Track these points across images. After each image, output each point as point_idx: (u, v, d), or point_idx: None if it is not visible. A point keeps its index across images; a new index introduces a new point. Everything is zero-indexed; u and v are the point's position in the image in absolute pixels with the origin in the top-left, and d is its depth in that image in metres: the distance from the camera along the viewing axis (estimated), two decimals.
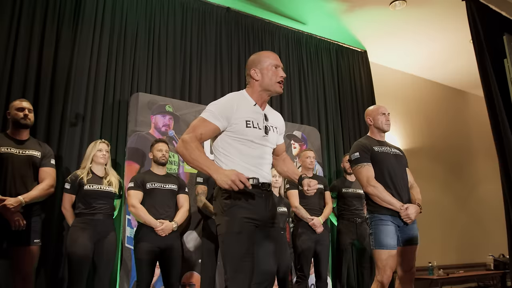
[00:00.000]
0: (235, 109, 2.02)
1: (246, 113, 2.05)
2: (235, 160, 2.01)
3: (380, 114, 3.02)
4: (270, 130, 2.12)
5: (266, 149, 2.11)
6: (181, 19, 4.74)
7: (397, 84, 7.02)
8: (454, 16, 5.40)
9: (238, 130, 2.01)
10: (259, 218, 1.99)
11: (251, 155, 2.03)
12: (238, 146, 2.02)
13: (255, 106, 2.11)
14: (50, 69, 3.81)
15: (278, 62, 2.13)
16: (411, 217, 2.70)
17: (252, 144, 2.03)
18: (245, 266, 1.90)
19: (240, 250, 1.90)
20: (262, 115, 2.12)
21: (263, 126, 2.08)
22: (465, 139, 7.82)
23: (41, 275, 3.37)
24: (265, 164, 2.10)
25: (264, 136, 2.08)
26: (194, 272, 3.85)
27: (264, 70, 2.10)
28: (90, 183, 3.22)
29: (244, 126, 2.02)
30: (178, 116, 4.15)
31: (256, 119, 2.07)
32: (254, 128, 2.03)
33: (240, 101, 2.08)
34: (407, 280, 2.86)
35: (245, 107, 2.07)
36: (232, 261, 1.91)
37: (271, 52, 2.20)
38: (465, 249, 6.98)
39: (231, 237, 1.93)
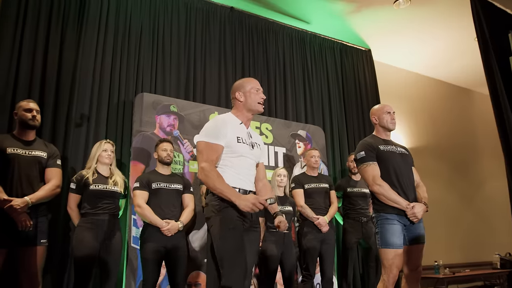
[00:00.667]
0: (229, 128, 2.31)
1: (236, 131, 2.34)
2: (227, 170, 2.28)
3: (385, 113, 3.01)
4: (254, 146, 2.43)
5: (252, 162, 2.41)
6: (185, 19, 4.75)
7: (402, 82, 7.00)
8: (458, 14, 5.37)
9: (231, 146, 2.29)
10: (246, 219, 2.26)
11: (241, 166, 2.32)
12: (231, 159, 2.30)
13: (241, 125, 2.42)
14: (55, 70, 3.83)
15: (259, 86, 2.46)
16: (417, 215, 2.69)
17: (242, 158, 2.32)
18: (241, 261, 2.10)
19: (235, 244, 2.12)
20: (247, 133, 2.43)
21: (249, 142, 2.39)
22: (470, 137, 7.79)
23: (48, 275, 3.38)
24: (251, 174, 2.40)
25: (251, 150, 2.38)
26: (200, 272, 3.86)
27: (247, 93, 2.42)
28: (95, 183, 3.23)
29: (235, 141, 2.30)
30: (182, 116, 4.16)
31: (244, 136, 2.37)
32: (243, 144, 2.33)
33: (230, 121, 2.38)
34: (413, 279, 2.85)
35: (234, 125, 2.37)
36: (228, 256, 2.10)
37: (253, 78, 2.55)
38: (471, 248, 6.94)
39: (226, 233, 2.13)
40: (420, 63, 7.04)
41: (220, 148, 2.27)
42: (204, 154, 2.24)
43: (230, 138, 2.29)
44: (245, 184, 2.32)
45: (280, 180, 4.00)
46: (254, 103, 2.41)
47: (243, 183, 2.31)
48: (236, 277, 2.05)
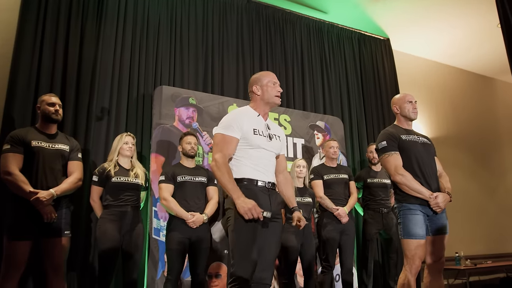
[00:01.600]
0: (245, 120, 2.36)
1: (252, 123, 2.38)
2: (244, 162, 2.32)
3: (407, 102, 2.97)
4: (273, 138, 2.46)
5: (271, 154, 2.43)
6: (202, 11, 4.75)
7: (421, 71, 6.89)
8: (477, 2, 5.25)
9: (248, 138, 2.33)
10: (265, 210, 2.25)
11: (258, 157, 2.34)
12: (247, 151, 2.34)
13: (259, 117, 2.46)
14: (76, 64, 3.88)
15: (275, 80, 2.50)
16: (440, 205, 2.65)
17: (259, 149, 2.35)
18: (251, 254, 2.16)
19: (247, 238, 2.17)
20: (265, 124, 2.47)
21: (267, 134, 2.42)
22: (492, 126, 7.63)
23: (72, 266, 3.45)
24: (270, 166, 2.42)
25: (269, 142, 2.40)
26: (220, 263, 3.89)
27: (264, 86, 2.47)
28: (117, 175, 3.27)
29: (252, 134, 2.34)
30: (201, 108, 4.17)
31: (261, 128, 2.41)
32: (259, 136, 2.37)
33: (247, 113, 2.43)
34: (436, 270, 2.82)
35: (250, 118, 2.41)
36: (239, 248, 2.18)
37: (269, 72, 2.58)
38: (493, 239, 6.83)
39: (240, 227, 2.19)
40: (439, 52, 6.91)
41: (234, 140, 2.31)
42: (219, 146, 2.30)
43: (246, 130, 2.33)
44: (263, 176, 2.34)
45: (300, 171, 3.99)
46: (271, 97, 2.46)
47: (261, 175, 2.33)
48: (243, 268, 2.14)
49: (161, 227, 3.71)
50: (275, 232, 2.34)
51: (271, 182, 2.38)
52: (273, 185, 2.40)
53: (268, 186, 2.34)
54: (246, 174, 2.31)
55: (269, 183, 2.35)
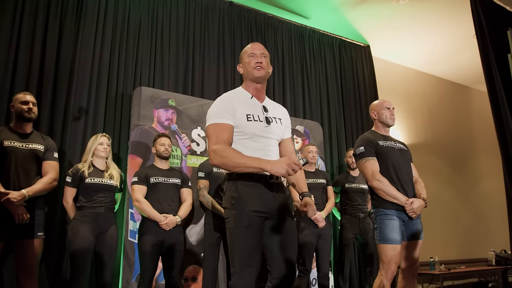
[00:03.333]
0: (235, 105, 2.06)
1: (245, 107, 2.08)
2: None
3: (385, 109, 3.01)
4: (272, 121, 2.13)
5: (271, 141, 2.11)
6: (184, 13, 4.72)
7: (400, 79, 7.00)
8: (458, 11, 5.37)
9: (241, 125, 2.03)
10: (268, 210, 1.99)
11: (255, 148, 2.03)
12: (242, 141, 2.04)
13: (252, 99, 2.16)
14: (53, 62, 3.80)
15: (253, 51, 2.17)
16: (416, 211, 2.70)
17: (255, 137, 2.05)
18: (253, 260, 1.91)
19: (248, 243, 1.91)
20: (261, 107, 2.15)
21: (264, 118, 2.10)
22: (468, 135, 7.81)
23: (45, 268, 3.38)
24: (271, 156, 2.07)
25: (267, 127, 2.09)
26: (197, 266, 3.86)
27: (244, 63, 2.17)
28: (91, 176, 3.22)
29: (245, 120, 2.04)
30: (181, 110, 4.14)
31: (256, 112, 2.10)
32: (255, 121, 2.06)
33: (238, 97, 2.12)
34: (410, 275, 2.86)
35: (243, 101, 2.10)
36: (239, 255, 1.92)
37: (250, 44, 2.24)
38: (467, 245, 6.98)
39: (239, 231, 1.94)
40: (419, 60, 7.04)
41: (229, 127, 2.01)
42: (213, 137, 1.99)
43: (239, 117, 2.04)
44: None
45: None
46: (250, 70, 2.14)
47: None
48: (245, 277, 1.88)
49: (137, 229, 3.66)
50: (288, 230, 2.05)
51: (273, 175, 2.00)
52: (276, 178, 2.03)
53: (271, 179, 2.01)
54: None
55: (271, 176, 2.00)
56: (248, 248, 1.91)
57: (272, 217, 2.01)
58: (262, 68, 2.12)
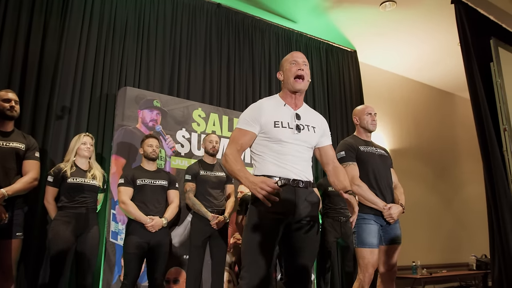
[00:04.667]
0: (263, 112, 2.09)
1: (275, 114, 2.11)
2: (266, 158, 2.07)
3: (366, 114, 3.05)
4: (304, 128, 2.14)
5: (299, 148, 2.11)
6: (171, 13, 4.71)
7: (386, 84, 7.07)
8: (444, 18, 5.44)
9: (268, 131, 2.07)
10: (286, 213, 1.99)
11: (280, 152, 2.06)
12: (268, 145, 2.08)
13: (285, 107, 2.17)
14: (37, 60, 3.76)
15: (295, 58, 2.18)
16: (393, 216, 2.74)
17: (281, 143, 2.07)
18: (261, 259, 1.92)
19: (257, 241, 1.93)
20: (293, 114, 2.16)
21: (294, 125, 2.12)
22: (451, 141, 7.91)
23: (23, 269, 3.34)
24: (298, 161, 2.09)
25: (296, 134, 2.10)
26: (179, 268, 3.85)
27: (285, 70, 2.19)
28: (73, 176, 3.19)
29: (272, 126, 2.07)
30: (166, 111, 4.13)
31: (286, 119, 2.12)
32: (283, 128, 2.08)
33: (270, 104, 2.16)
34: (388, 279, 2.89)
35: (274, 108, 2.14)
36: (249, 251, 1.95)
37: (292, 52, 2.25)
38: (449, 249, 7.07)
39: (250, 228, 1.98)
40: (405, 66, 7.11)
41: (249, 134, 2.09)
42: (231, 140, 2.10)
43: (266, 123, 2.08)
44: (289, 173, 2.04)
45: None
46: (289, 81, 2.15)
47: (286, 171, 2.03)
48: (251, 274, 1.90)
49: (119, 231, 3.64)
50: (307, 236, 2.04)
51: (297, 180, 2.04)
52: (301, 182, 2.05)
53: (294, 184, 2.01)
54: (268, 171, 2.03)
55: (294, 181, 2.02)
56: (257, 246, 1.93)
57: (292, 222, 2.01)
58: (302, 80, 2.14)
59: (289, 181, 2.01)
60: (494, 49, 4.55)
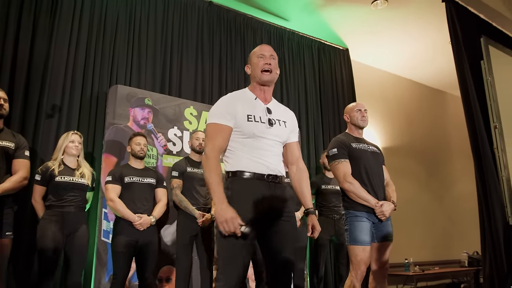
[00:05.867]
0: (237, 106, 2.05)
1: (247, 108, 2.06)
2: (239, 154, 2.02)
3: (356, 111, 3.06)
4: (275, 123, 2.10)
5: (271, 142, 2.07)
6: (162, 11, 4.69)
7: (378, 82, 7.09)
8: (435, 17, 5.46)
9: (241, 125, 2.02)
10: (262, 211, 1.95)
11: (254, 146, 2.02)
12: (241, 140, 2.03)
13: (256, 100, 2.13)
14: (26, 58, 3.71)
15: (262, 52, 2.15)
16: (385, 214, 2.74)
17: (255, 138, 2.02)
18: (236, 262, 1.88)
19: (230, 244, 1.87)
20: (265, 108, 2.12)
21: (266, 119, 2.07)
22: (443, 139, 7.96)
23: (13, 268, 3.31)
24: (271, 156, 2.06)
25: (268, 128, 2.06)
26: (171, 267, 3.83)
27: (252, 64, 2.16)
28: (61, 175, 3.15)
29: (245, 120, 2.03)
30: (157, 109, 4.11)
31: (258, 113, 2.08)
32: (256, 122, 2.04)
33: (241, 97, 2.12)
34: (380, 276, 2.90)
35: (246, 102, 2.09)
36: (223, 255, 1.90)
37: (260, 45, 2.23)
38: (441, 246, 7.11)
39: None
40: (397, 64, 7.13)
41: (227, 129, 2.02)
42: (209, 137, 2.01)
43: (240, 117, 2.02)
44: (263, 168, 1.99)
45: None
46: (257, 73, 2.12)
47: (260, 166, 1.99)
48: (227, 277, 1.86)
49: (111, 229, 3.61)
50: (286, 233, 2.00)
51: (272, 175, 2.01)
52: (275, 177, 2.02)
53: (268, 179, 1.99)
54: (242, 166, 1.99)
55: (269, 176, 2.00)
56: (230, 249, 1.88)
57: (268, 219, 1.97)
58: (270, 71, 2.11)
59: (263, 177, 1.98)
60: (484, 47, 4.58)
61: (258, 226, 1.94)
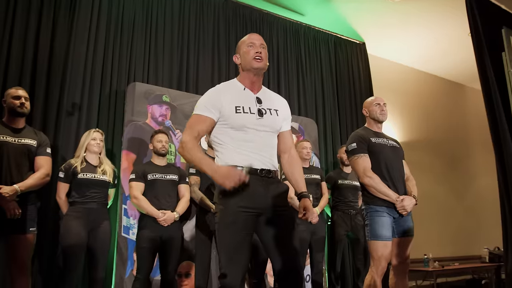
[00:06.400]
0: (222, 98, 2.00)
1: (235, 99, 2.01)
2: (230, 147, 1.98)
3: (375, 105, 3.03)
4: (266, 113, 2.04)
5: (263, 134, 2.02)
6: (178, 8, 4.71)
7: (396, 76, 7.01)
8: (453, 9, 5.37)
9: (229, 117, 1.97)
10: (258, 206, 1.91)
11: (245, 140, 1.97)
12: (231, 134, 1.98)
13: (245, 91, 2.08)
14: (47, 57, 3.79)
15: (252, 41, 2.09)
16: (406, 208, 2.71)
17: (245, 130, 1.97)
18: (239, 257, 1.86)
19: (233, 240, 1.86)
20: (254, 98, 2.07)
21: (256, 110, 2.02)
22: (462, 132, 7.83)
23: (37, 264, 3.38)
24: (263, 148, 2.01)
25: (259, 119, 2.00)
26: (190, 262, 3.87)
27: (242, 53, 2.10)
28: (84, 172, 3.21)
29: (233, 112, 1.97)
30: (175, 106, 4.14)
31: (247, 104, 2.02)
32: (245, 113, 1.98)
33: (228, 89, 2.06)
34: (401, 271, 2.87)
35: (234, 93, 2.04)
36: (226, 251, 1.88)
37: (249, 34, 2.18)
38: (461, 242, 7.01)
39: (224, 227, 1.91)
40: (415, 58, 7.04)
41: (208, 120, 1.98)
42: (187, 127, 2.00)
43: (227, 109, 1.97)
44: (255, 162, 1.95)
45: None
46: (247, 62, 2.05)
47: (252, 161, 1.94)
48: (231, 273, 1.83)
49: (131, 225, 3.67)
50: (284, 226, 1.97)
51: (265, 169, 1.97)
52: (268, 172, 1.99)
53: (262, 174, 1.95)
54: (233, 160, 1.93)
55: (263, 170, 1.96)
56: (234, 244, 1.86)
57: (266, 213, 1.94)
58: (261, 59, 2.05)
59: (257, 171, 1.94)
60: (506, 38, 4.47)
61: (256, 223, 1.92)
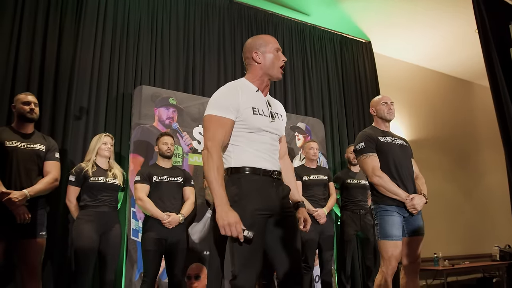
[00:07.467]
0: (240, 97, 1.92)
1: (250, 100, 1.95)
2: (244, 148, 1.92)
3: (382, 104, 3.02)
4: (275, 116, 2.04)
5: (274, 136, 2.02)
6: (184, 11, 4.72)
7: (402, 75, 6.97)
8: (459, 6, 5.34)
9: (246, 118, 1.92)
10: (271, 208, 1.90)
11: (261, 141, 1.95)
12: (246, 135, 1.93)
13: (258, 92, 2.02)
14: (54, 62, 3.81)
15: (279, 46, 2.06)
16: (416, 207, 2.69)
17: (261, 132, 1.95)
18: (255, 261, 1.83)
19: (250, 245, 1.80)
20: (265, 101, 2.03)
21: (268, 113, 2.00)
22: (470, 130, 7.77)
23: (48, 268, 3.39)
24: (274, 151, 2.01)
25: (271, 122, 1.99)
26: (199, 264, 3.87)
27: (267, 53, 2.01)
28: (95, 176, 3.24)
29: (251, 113, 1.92)
30: (182, 108, 4.15)
31: (261, 106, 1.99)
32: (260, 115, 1.95)
33: (243, 89, 1.98)
34: (412, 271, 2.85)
35: (248, 94, 1.97)
36: (241, 255, 1.82)
37: (272, 36, 2.12)
38: (471, 240, 6.95)
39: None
40: (421, 55, 7.00)
41: (229, 122, 1.89)
42: (211, 131, 1.87)
43: (244, 110, 1.91)
44: (268, 163, 1.94)
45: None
46: (275, 68, 2.01)
47: (265, 162, 1.93)
48: (247, 277, 1.79)
49: (140, 228, 3.67)
50: (290, 227, 1.96)
51: (276, 171, 1.97)
52: (279, 173, 1.99)
53: (274, 175, 1.94)
54: (248, 161, 1.90)
55: (274, 172, 1.95)
56: (250, 249, 1.80)
57: (274, 215, 1.92)
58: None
59: (269, 173, 1.92)
60: None
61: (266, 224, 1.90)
